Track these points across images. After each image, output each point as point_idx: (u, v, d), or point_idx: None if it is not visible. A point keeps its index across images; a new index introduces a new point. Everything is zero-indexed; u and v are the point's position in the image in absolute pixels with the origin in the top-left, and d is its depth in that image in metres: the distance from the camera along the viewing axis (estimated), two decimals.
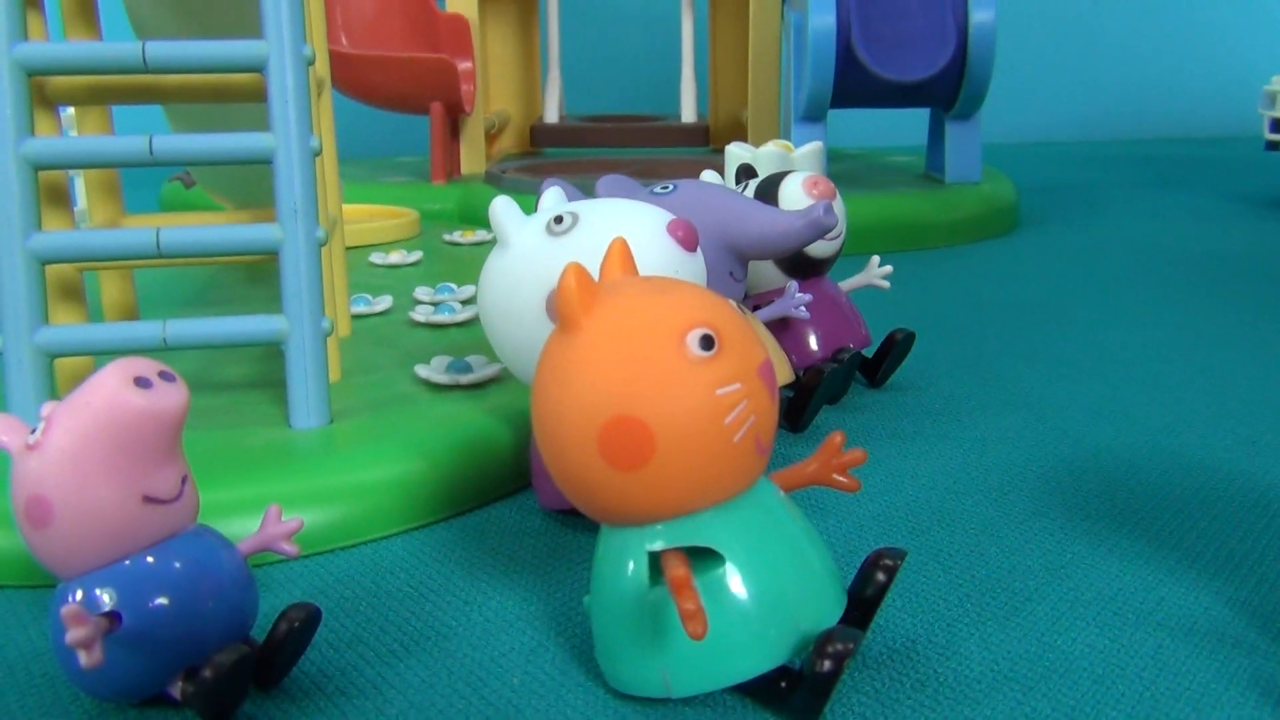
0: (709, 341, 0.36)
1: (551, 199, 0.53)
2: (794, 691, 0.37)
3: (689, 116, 1.66)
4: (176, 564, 0.37)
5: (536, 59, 1.73)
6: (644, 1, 2.16)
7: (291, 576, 0.49)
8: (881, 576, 0.40)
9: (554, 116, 1.69)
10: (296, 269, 0.55)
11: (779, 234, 0.59)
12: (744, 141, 0.75)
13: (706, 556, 0.37)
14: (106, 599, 0.36)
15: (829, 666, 0.35)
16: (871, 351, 0.73)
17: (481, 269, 0.51)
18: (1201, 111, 2.30)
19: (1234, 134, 2.23)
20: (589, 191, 0.56)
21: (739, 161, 0.72)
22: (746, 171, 0.71)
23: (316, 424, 0.56)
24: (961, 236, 1.25)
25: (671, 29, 1.77)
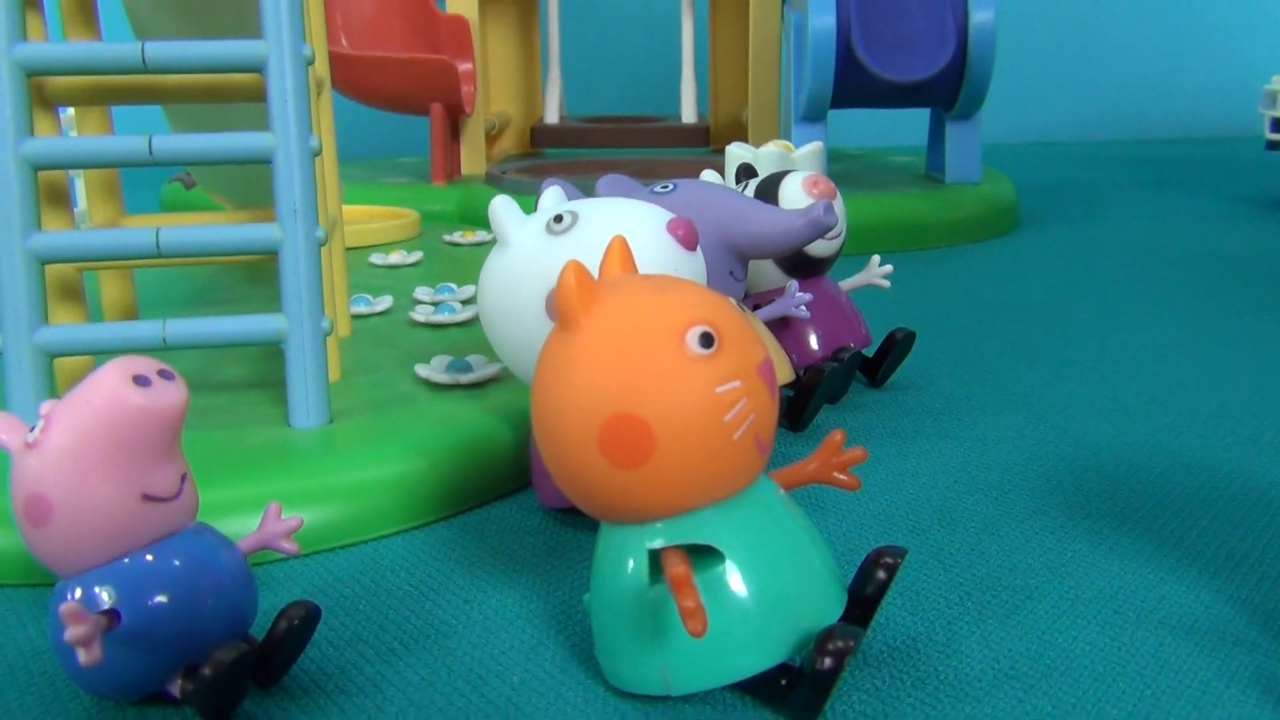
0: (709, 339, 0.36)
1: (551, 198, 0.53)
2: (794, 689, 0.37)
3: (689, 117, 1.66)
4: (176, 562, 0.37)
5: (537, 60, 1.73)
6: (644, 2, 2.16)
7: (291, 575, 0.49)
8: (882, 574, 0.40)
9: (554, 117, 1.69)
10: (296, 268, 0.55)
11: (779, 233, 0.59)
12: (744, 142, 0.75)
13: (707, 554, 0.37)
14: (105, 597, 0.36)
15: (830, 664, 0.35)
16: (872, 351, 0.73)
17: (481, 268, 0.51)
18: (1202, 112, 2.30)
19: (1234, 134, 2.23)
20: (589, 191, 0.56)
21: (739, 161, 0.72)
22: (746, 171, 0.71)
23: (316, 423, 0.56)
24: (962, 237, 1.25)
25: (672, 29, 1.78)
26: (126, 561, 0.36)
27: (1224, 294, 0.97)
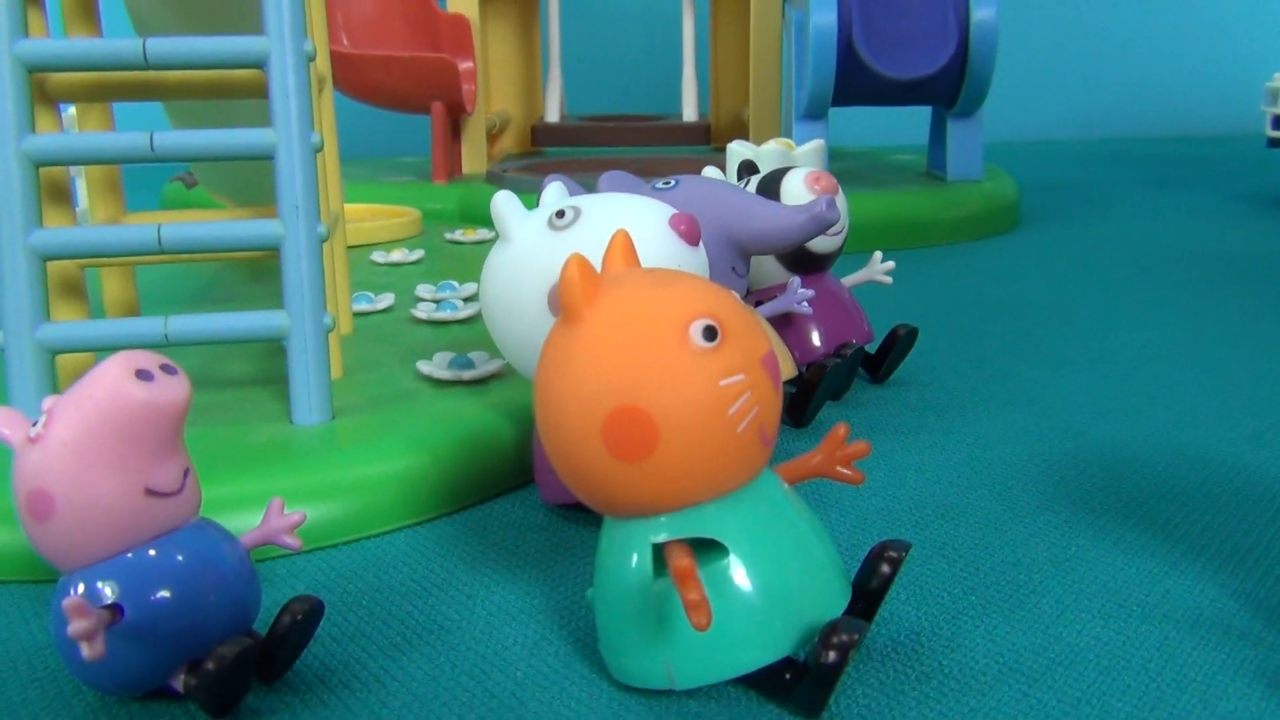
0: (712, 332, 0.36)
1: (553, 194, 0.53)
2: (798, 683, 0.37)
3: (690, 115, 1.66)
4: (179, 557, 0.37)
5: (537, 58, 1.73)
6: (645, 1, 2.16)
7: (294, 571, 0.49)
8: (886, 568, 0.40)
9: (555, 116, 1.68)
10: (298, 265, 0.55)
11: (781, 229, 0.59)
12: (745, 140, 0.75)
13: (710, 548, 0.37)
14: (108, 592, 0.36)
15: (834, 658, 0.35)
16: (874, 348, 0.73)
17: (483, 264, 0.51)
18: (1203, 110, 2.30)
19: (1235, 132, 2.23)
20: (591, 188, 0.56)
21: (741, 159, 0.72)
22: (748, 168, 0.71)
23: (318, 420, 0.56)
24: (963, 234, 1.25)
25: (672, 28, 1.77)
26: (129, 556, 0.36)
27: (1225, 292, 0.97)
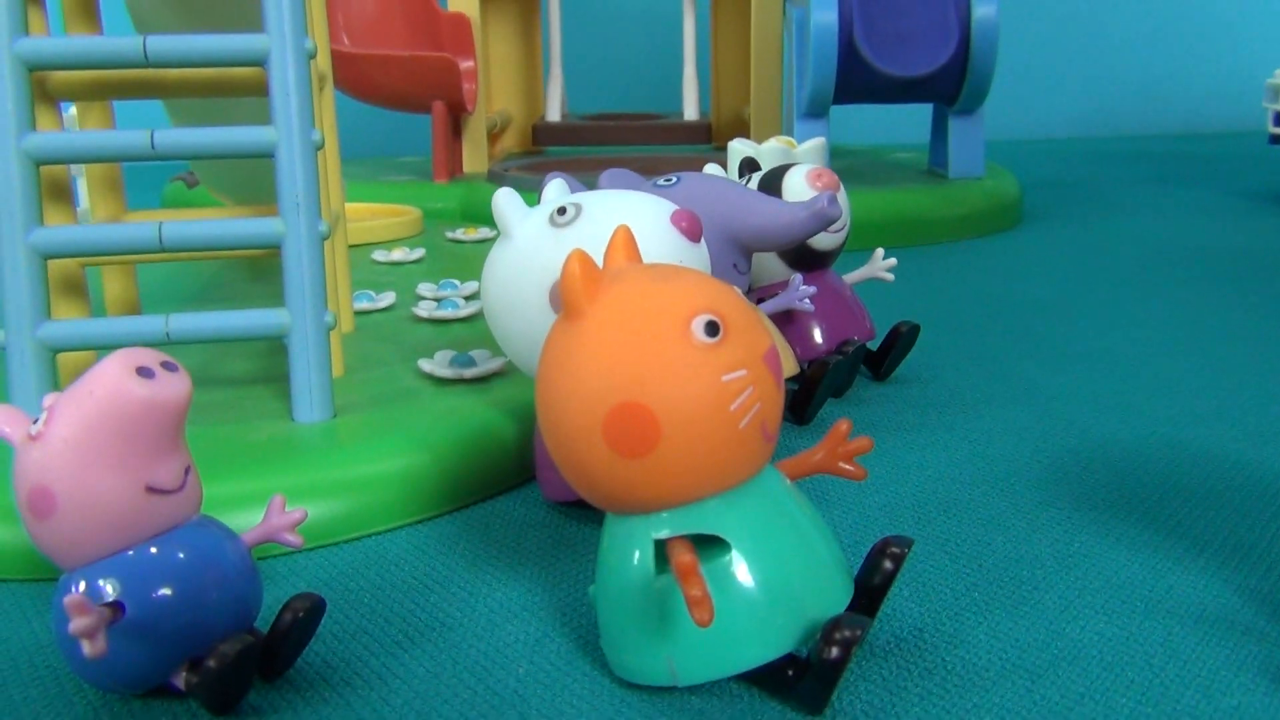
0: (714, 328, 0.35)
1: (554, 191, 0.53)
2: (801, 679, 0.37)
3: (691, 114, 1.65)
4: (180, 554, 0.37)
5: (538, 58, 1.73)
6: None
7: (296, 569, 0.49)
8: (889, 565, 0.39)
9: (556, 115, 1.68)
10: (299, 262, 0.55)
11: (783, 225, 0.59)
12: (747, 138, 0.75)
13: (712, 544, 0.37)
14: (110, 589, 0.36)
15: (836, 654, 0.35)
16: (876, 345, 0.72)
17: (485, 262, 0.51)
18: (1205, 107, 2.30)
19: (1238, 129, 2.23)
20: (592, 187, 0.56)
21: (742, 157, 0.72)
22: (750, 165, 0.71)
23: (320, 418, 0.56)
24: (965, 232, 1.24)
25: (673, 27, 1.77)
26: (130, 554, 0.36)
27: (1227, 289, 0.97)
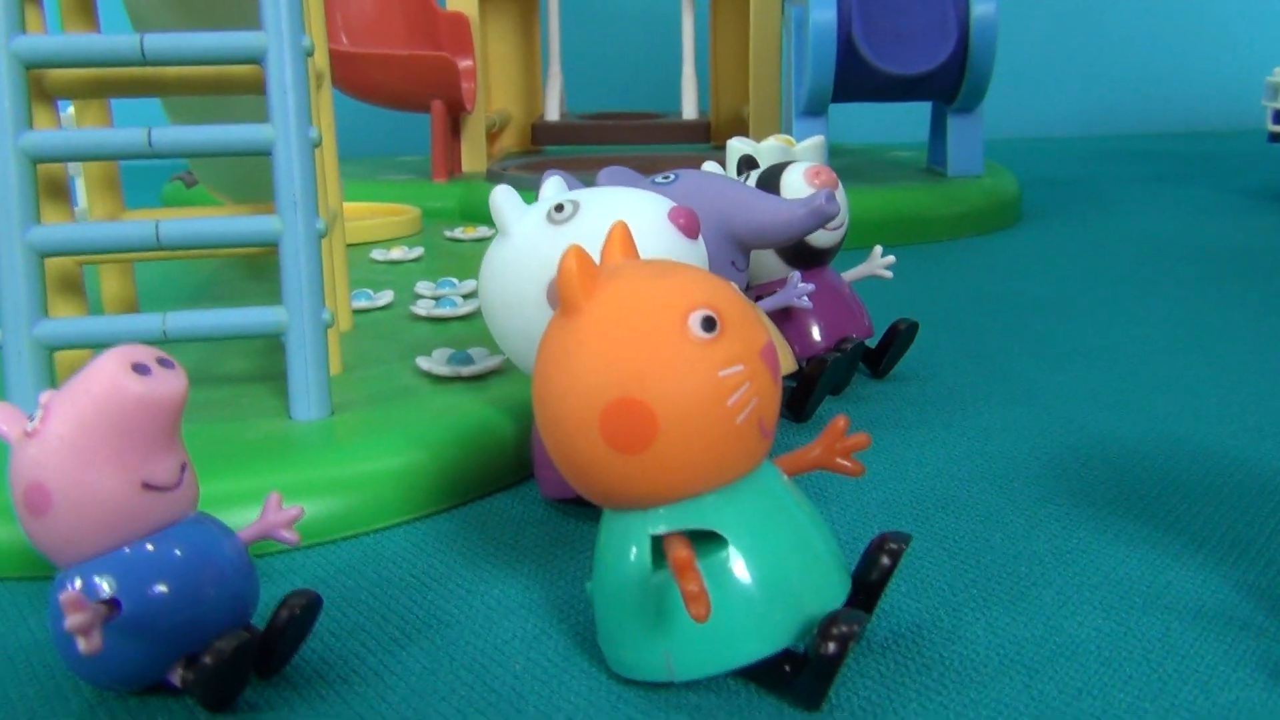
0: (711, 323, 0.35)
1: (552, 188, 0.53)
2: (798, 675, 0.37)
3: (690, 113, 1.65)
4: (176, 551, 0.37)
5: (537, 57, 1.73)
6: None
7: (293, 567, 0.49)
8: (886, 560, 0.39)
9: (555, 114, 1.68)
10: (296, 260, 0.55)
11: (781, 222, 0.58)
12: (745, 137, 0.75)
13: (709, 540, 0.37)
14: (106, 586, 0.36)
15: (833, 649, 0.35)
16: (874, 342, 0.72)
17: (482, 259, 0.51)
18: (1204, 106, 2.30)
19: (1237, 128, 2.22)
20: (590, 184, 0.56)
21: (740, 155, 0.71)
22: (748, 163, 0.71)
23: (317, 416, 0.56)
24: (964, 230, 1.24)
25: (672, 26, 1.77)
26: (127, 551, 0.36)
27: (1226, 287, 0.97)
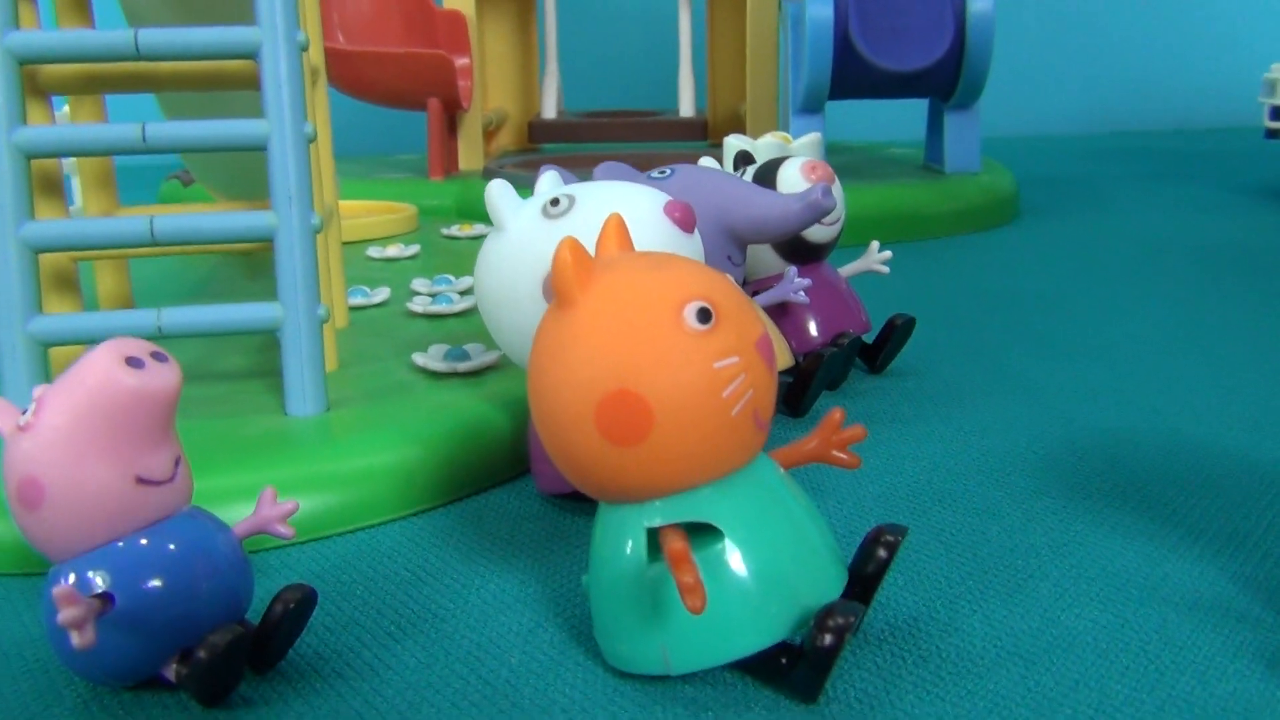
0: (706, 314, 0.35)
1: (548, 183, 0.53)
2: (795, 667, 0.37)
3: (687, 111, 1.65)
4: (170, 545, 0.37)
5: (534, 55, 1.73)
6: None
7: (288, 562, 0.48)
8: (883, 553, 0.39)
9: (552, 112, 1.68)
10: (291, 255, 0.55)
11: (777, 217, 0.58)
12: (743, 134, 0.75)
13: (705, 533, 0.37)
14: (99, 581, 0.36)
15: (830, 641, 0.35)
16: (871, 338, 0.72)
17: (478, 254, 0.51)
18: (1201, 103, 2.30)
19: (1234, 125, 2.22)
20: (586, 180, 0.56)
21: (736, 151, 0.71)
22: (744, 158, 0.71)
23: (313, 411, 0.56)
24: (961, 227, 1.24)
25: (669, 24, 1.77)
26: (120, 545, 0.36)
27: (1224, 282, 0.97)
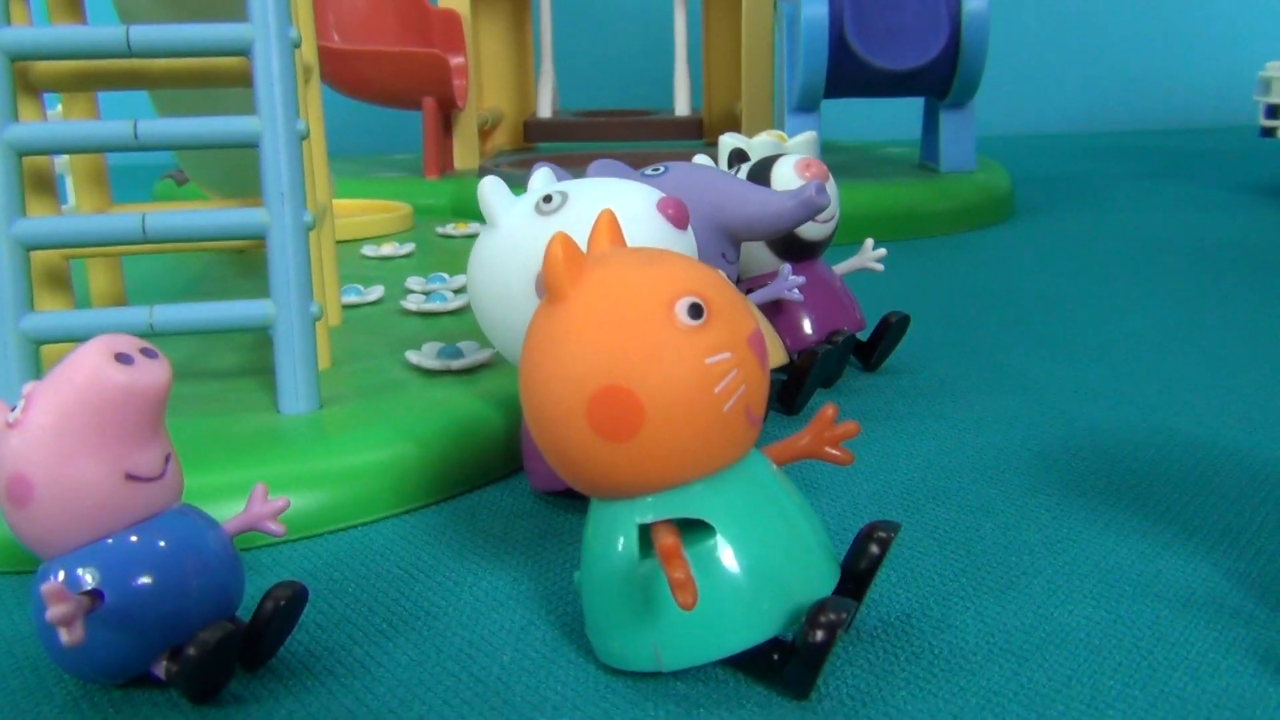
0: (698, 310, 0.35)
1: (541, 180, 0.53)
2: (786, 664, 0.37)
3: (683, 110, 1.65)
4: (160, 543, 0.37)
5: (529, 54, 1.72)
6: None
7: (280, 559, 0.48)
8: (875, 549, 0.39)
9: (547, 111, 1.68)
10: (284, 253, 0.55)
11: (771, 214, 0.58)
12: (738, 133, 0.75)
13: (697, 529, 0.37)
14: (89, 578, 0.35)
15: (821, 637, 0.35)
16: (866, 335, 0.72)
17: (471, 251, 0.51)
18: (1197, 102, 2.30)
19: (1229, 124, 2.23)
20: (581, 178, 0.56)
21: (731, 149, 0.71)
22: (739, 156, 0.71)
23: (306, 409, 0.56)
24: (957, 225, 1.24)
25: (664, 22, 1.77)
26: (110, 542, 0.36)
27: (1220, 280, 0.97)
